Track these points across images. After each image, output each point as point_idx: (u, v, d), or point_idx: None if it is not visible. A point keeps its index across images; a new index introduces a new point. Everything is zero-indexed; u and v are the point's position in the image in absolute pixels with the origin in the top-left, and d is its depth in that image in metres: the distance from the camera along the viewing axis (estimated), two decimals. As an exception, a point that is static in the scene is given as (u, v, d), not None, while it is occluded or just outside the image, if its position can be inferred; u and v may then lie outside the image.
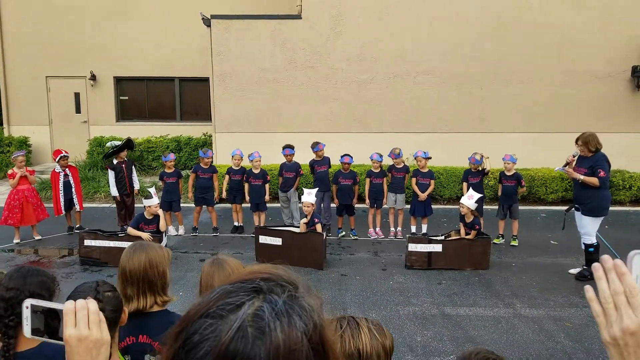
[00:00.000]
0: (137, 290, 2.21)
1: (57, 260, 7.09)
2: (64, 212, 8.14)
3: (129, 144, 8.36)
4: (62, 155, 8.13)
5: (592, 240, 6.12)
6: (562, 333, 4.84)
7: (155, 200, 6.66)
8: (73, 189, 8.18)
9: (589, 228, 6.11)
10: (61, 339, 0.97)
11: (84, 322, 0.94)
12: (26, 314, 1.01)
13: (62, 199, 8.09)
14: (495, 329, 4.95)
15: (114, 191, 8.07)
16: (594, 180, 5.93)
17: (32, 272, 1.93)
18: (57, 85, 13.60)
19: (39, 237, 7.91)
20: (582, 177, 5.98)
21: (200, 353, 0.62)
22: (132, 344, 2.19)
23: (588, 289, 0.78)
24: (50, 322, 1.02)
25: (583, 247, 6.23)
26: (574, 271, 6.42)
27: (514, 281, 6.25)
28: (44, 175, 11.72)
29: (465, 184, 7.91)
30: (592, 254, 6.14)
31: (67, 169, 8.20)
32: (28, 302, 1.01)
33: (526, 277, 6.38)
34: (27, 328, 1.02)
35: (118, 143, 8.63)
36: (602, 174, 5.91)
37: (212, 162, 8.55)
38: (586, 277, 6.15)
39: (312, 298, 0.69)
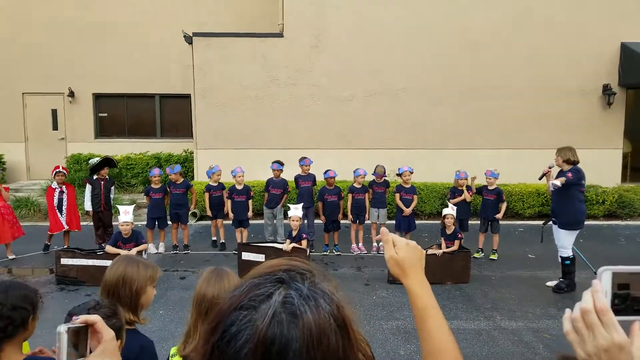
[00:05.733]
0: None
1: (32, 280, 6.91)
2: (65, 227, 7.98)
3: (109, 162, 8.29)
4: (57, 170, 8.01)
5: (568, 253, 6.27)
6: (541, 344, 4.92)
7: (122, 218, 6.53)
8: (64, 208, 8.01)
9: (564, 241, 6.27)
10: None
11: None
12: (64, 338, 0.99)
13: (60, 215, 7.94)
14: (477, 342, 5.01)
15: (88, 205, 7.99)
16: (560, 177, 6.09)
17: (14, 286, 1.90)
18: (33, 102, 13.40)
19: (13, 257, 7.71)
20: (557, 182, 6.05)
21: (240, 342, 0.69)
22: None
23: (567, 311, 0.82)
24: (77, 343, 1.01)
25: (560, 259, 6.38)
26: (551, 284, 6.54)
27: (493, 294, 6.34)
28: (18, 194, 11.48)
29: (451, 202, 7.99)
30: (568, 267, 6.29)
31: (63, 186, 8.06)
32: (62, 327, 0.99)
33: (505, 290, 6.48)
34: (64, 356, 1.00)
35: (98, 160, 8.54)
36: (569, 175, 6.07)
37: (184, 177, 8.50)
38: (563, 289, 6.28)
39: (329, 282, 0.78)
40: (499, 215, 7.79)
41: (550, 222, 6.54)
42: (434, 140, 11.35)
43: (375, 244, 8.26)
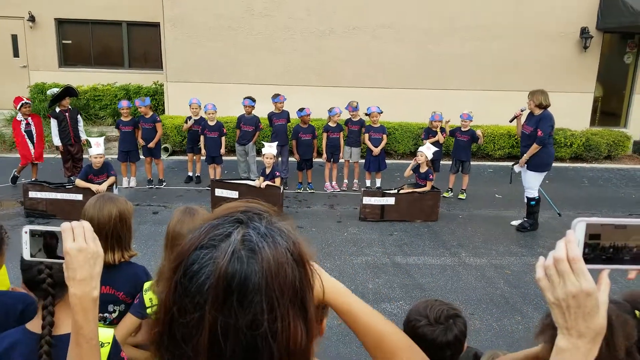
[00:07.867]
0: (105, 244, 2.13)
1: (0, 212, 6.79)
2: (32, 157, 7.72)
3: (69, 90, 7.92)
4: (23, 102, 7.65)
5: (535, 194, 6.50)
6: (502, 280, 5.21)
7: (94, 151, 6.36)
8: (34, 139, 7.72)
9: (532, 182, 6.47)
10: (59, 257, 1.07)
11: (81, 236, 1.06)
12: (25, 238, 1.08)
13: (30, 146, 7.67)
14: (442, 277, 5.26)
15: (57, 140, 7.75)
16: (533, 148, 6.27)
17: None
18: (-10, 26, 12.51)
19: (-21, 189, 7.53)
20: (525, 157, 6.36)
21: (202, 278, 0.71)
22: None
23: (540, 258, 0.85)
24: (49, 244, 1.09)
25: (525, 200, 6.61)
26: (515, 223, 6.81)
27: (460, 232, 6.59)
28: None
29: (425, 142, 8.01)
30: (533, 207, 6.54)
31: (29, 118, 7.72)
32: (27, 228, 1.08)
33: (471, 228, 6.73)
34: (26, 251, 1.09)
35: (58, 90, 8.16)
36: (539, 133, 6.21)
37: (154, 111, 8.31)
38: (526, 228, 6.57)
39: (286, 222, 0.81)
40: (479, 132, 7.84)
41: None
42: (411, 80, 11.21)
43: (346, 181, 8.36)
